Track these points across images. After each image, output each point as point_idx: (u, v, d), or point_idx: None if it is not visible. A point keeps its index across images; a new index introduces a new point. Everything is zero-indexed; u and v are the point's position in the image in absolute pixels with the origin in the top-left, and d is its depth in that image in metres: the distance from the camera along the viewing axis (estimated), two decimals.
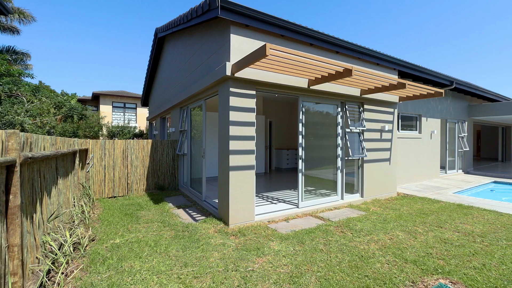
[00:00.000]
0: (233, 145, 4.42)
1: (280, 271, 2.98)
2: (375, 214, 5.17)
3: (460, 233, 4.16)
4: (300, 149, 5.34)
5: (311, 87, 5.23)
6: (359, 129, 6.29)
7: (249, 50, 4.51)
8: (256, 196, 6.36)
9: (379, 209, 5.60)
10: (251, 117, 4.63)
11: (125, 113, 20.49)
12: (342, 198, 6.05)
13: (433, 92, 6.02)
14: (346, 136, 6.03)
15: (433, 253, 3.43)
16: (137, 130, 17.85)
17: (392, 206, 5.87)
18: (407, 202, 6.26)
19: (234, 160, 4.43)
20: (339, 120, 6.04)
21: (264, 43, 4.11)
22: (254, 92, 4.68)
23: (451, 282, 2.78)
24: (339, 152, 6.01)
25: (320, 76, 4.90)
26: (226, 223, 4.46)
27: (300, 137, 5.35)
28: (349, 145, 5.99)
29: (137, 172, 7.07)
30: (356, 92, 5.99)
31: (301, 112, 5.39)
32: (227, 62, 4.29)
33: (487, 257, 3.33)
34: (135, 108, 20.88)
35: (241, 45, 4.53)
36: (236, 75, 4.34)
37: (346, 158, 6.05)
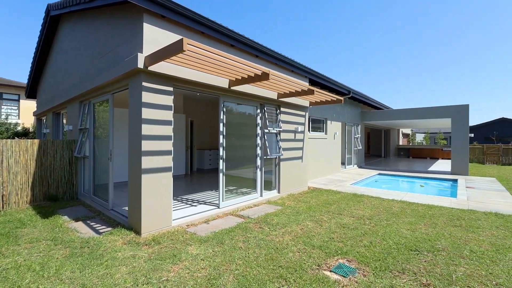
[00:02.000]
0: (147, 145, 4.02)
1: (197, 275, 2.85)
2: (289, 208, 5.60)
3: (355, 218, 4.94)
4: (221, 149, 5.30)
5: (232, 88, 5.27)
6: (277, 130, 6.72)
7: (166, 43, 4.19)
8: (175, 199, 5.99)
9: (293, 203, 6.11)
10: (168, 115, 4.31)
11: (2, 106, 16.12)
12: (261, 195, 6.34)
13: (335, 99, 6.98)
14: (265, 136, 6.35)
15: (335, 237, 3.95)
16: (19, 128, 14.31)
17: (304, 199, 6.50)
18: (315, 194, 7.06)
19: (147, 162, 4.02)
20: (259, 121, 6.31)
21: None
22: (171, 89, 4.37)
23: (347, 260, 3.24)
24: (259, 151, 6.28)
25: (240, 78, 4.99)
26: (138, 232, 4.00)
27: (221, 137, 5.31)
28: (267, 145, 6.32)
29: (17, 180, 5.61)
30: (273, 95, 6.38)
31: (222, 112, 5.36)
32: (139, 54, 3.87)
33: (373, 235, 4.05)
34: (18, 100, 16.64)
35: (156, 36, 4.17)
36: (150, 68, 3.96)
37: (264, 157, 6.36)
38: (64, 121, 8.36)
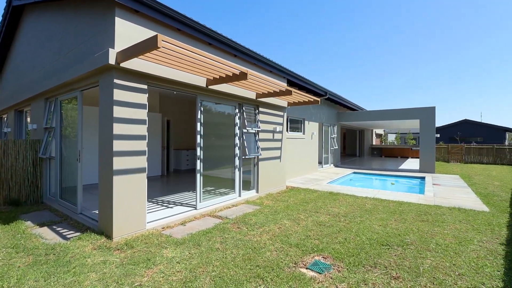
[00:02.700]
0: (119, 145, 3.84)
1: (172, 279, 2.77)
2: (267, 207, 5.64)
3: (331, 216, 5.07)
4: (198, 149, 5.21)
5: (209, 87, 5.19)
6: (255, 130, 6.73)
7: (140, 40, 4.02)
8: (150, 201, 5.79)
9: (271, 202, 6.16)
10: (142, 114, 4.15)
11: None
12: (239, 195, 6.31)
13: (312, 100, 7.13)
14: (243, 136, 6.33)
15: (311, 235, 4.03)
16: None
17: (282, 198, 6.57)
18: (293, 193, 7.17)
19: (119, 163, 3.84)
20: (237, 121, 6.28)
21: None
22: (145, 87, 4.22)
23: (323, 257, 3.32)
24: (237, 151, 6.25)
25: (218, 77, 4.93)
26: (109, 236, 3.82)
27: (199, 136, 5.22)
28: (246, 145, 6.31)
29: None
30: (252, 95, 6.38)
31: (199, 111, 5.27)
32: (110, 49, 3.69)
33: (347, 232, 4.18)
34: None
35: (129, 32, 4.00)
36: (123, 65, 3.80)
37: (243, 157, 6.34)
38: (28, 119, 7.78)
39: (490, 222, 4.72)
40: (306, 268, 3.03)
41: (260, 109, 6.98)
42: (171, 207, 5.31)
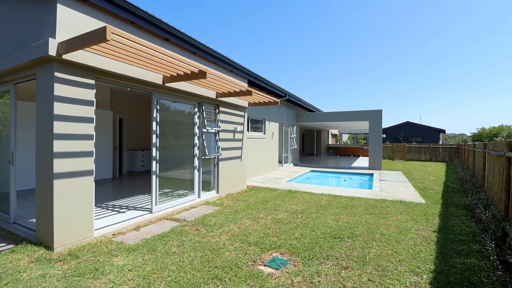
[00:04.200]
0: (61, 146, 3.47)
1: None
2: (228, 208, 5.61)
3: (289, 213, 5.25)
4: (154, 150, 4.96)
5: (166, 84, 4.98)
6: (215, 130, 6.65)
7: (87, 30, 3.69)
8: (99, 206, 5.35)
9: (231, 202, 6.15)
10: (89, 111, 3.81)
11: None
12: (199, 197, 6.17)
13: (272, 101, 7.29)
14: (203, 136, 6.21)
15: (270, 233, 4.12)
16: None
17: (242, 198, 6.61)
18: (254, 193, 7.25)
19: (61, 166, 3.47)
20: (196, 120, 6.13)
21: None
22: (93, 82, 3.88)
23: (280, 253, 3.42)
24: (196, 151, 6.10)
25: (175, 74, 4.76)
26: (49, 247, 3.43)
27: (154, 136, 4.97)
28: (205, 145, 6.20)
29: None
30: (212, 94, 6.29)
31: (155, 109, 5.02)
32: (50, 39, 3.31)
33: (304, 228, 4.37)
34: None
35: (75, 22, 3.65)
36: (66, 57, 3.44)
37: (203, 157, 6.22)
38: None
39: (426, 212, 5.35)
40: (264, 265, 3.09)
41: (221, 108, 6.92)
42: (124, 212, 4.97)
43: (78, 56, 3.55)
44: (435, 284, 2.72)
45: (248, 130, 9.98)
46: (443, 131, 36.00)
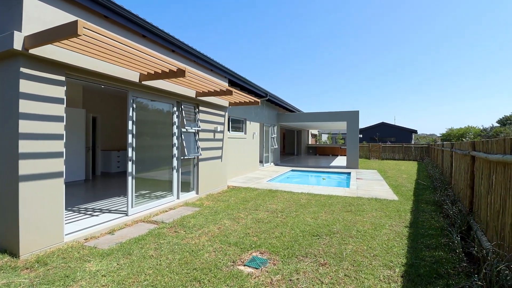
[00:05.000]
0: (27, 146, 3.25)
1: None
2: (208, 208, 5.55)
3: (269, 212, 5.29)
4: (130, 150, 4.79)
5: (143, 83, 4.83)
6: (195, 129, 6.55)
7: (58, 24, 3.48)
8: (70, 210, 5.08)
9: (211, 203, 6.08)
10: (59, 109, 3.60)
11: None
12: (178, 198, 6.05)
13: (253, 101, 7.31)
14: (182, 135, 6.09)
15: (250, 233, 4.13)
16: None
17: (223, 198, 6.56)
18: (234, 193, 7.23)
19: (27, 167, 3.25)
20: (175, 119, 6.00)
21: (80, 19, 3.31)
22: (63, 78, 3.67)
23: (260, 253, 3.43)
24: (175, 151, 5.97)
25: (153, 72, 4.63)
26: (14, 254, 3.20)
27: (130, 136, 4.81)
28: (185, 145, 6.08)
29: None
30: (192, 93, 6.18)
31: (131, 108, 4.85)
32: (16, 32, 3.09)
33: (283, 227, 4.42)
34: None
35: (44, 15, 3.43)
36: (33, 51, 3.23)
37: (182, 157, 6.10)
38: None
39: (398, 209, 5.62)
40: (244, 265, 3.09)
41: (201, 108, 6.82)
42: (97, 215, 4.75)
43: (47, 51, 3.35)
44: (406, 277, 2.86)
45: (229, 130, 9.92)
46: (415, 132, 38.01)
